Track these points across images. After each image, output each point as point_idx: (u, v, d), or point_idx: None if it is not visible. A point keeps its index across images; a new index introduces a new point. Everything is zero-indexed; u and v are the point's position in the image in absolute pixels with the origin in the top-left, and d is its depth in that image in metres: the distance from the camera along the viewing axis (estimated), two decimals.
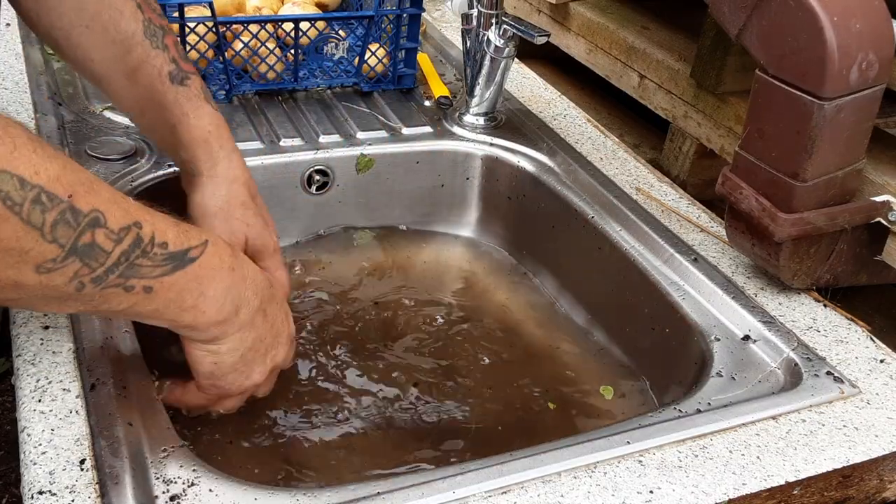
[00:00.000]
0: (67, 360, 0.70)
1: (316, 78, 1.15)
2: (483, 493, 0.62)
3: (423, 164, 1.10)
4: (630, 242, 0.94)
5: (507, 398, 0.91)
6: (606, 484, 0.64)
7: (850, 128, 0.77)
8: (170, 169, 0.96)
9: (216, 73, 1.09)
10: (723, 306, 0.85)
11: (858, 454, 0.70)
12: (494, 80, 1.10)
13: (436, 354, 0.96)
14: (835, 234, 0.83)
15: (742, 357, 0.80)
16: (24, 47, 1.18)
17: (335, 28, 1.23)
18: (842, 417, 0.73)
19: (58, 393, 0.67)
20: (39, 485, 0.59)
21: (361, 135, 1.07)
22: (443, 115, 1.14)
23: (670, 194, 1.02)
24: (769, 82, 0.78)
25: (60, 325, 0.73)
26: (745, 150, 0.82)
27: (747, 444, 0.69)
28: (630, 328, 0.94)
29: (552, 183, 1.04)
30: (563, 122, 1.16)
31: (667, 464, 0.66)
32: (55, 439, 0.63)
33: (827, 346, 0.81)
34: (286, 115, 1.09)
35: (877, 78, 0.76)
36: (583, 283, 1.01)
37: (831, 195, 0.81)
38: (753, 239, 0.85)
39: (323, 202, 1.06)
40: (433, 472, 0.64)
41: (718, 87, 1.10)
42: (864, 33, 0.74)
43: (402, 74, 1.18)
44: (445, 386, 0.92)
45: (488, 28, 1.06)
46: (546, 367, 0.96)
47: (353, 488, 0.62)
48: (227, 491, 0.61)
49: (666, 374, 0.88)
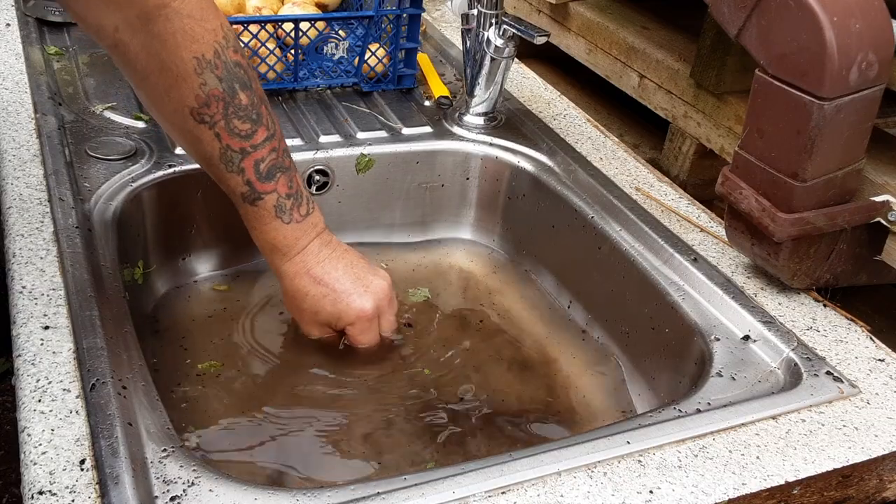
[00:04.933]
0: (67, 360, 0.70)
1: (316, 78, 1.15)
2: (483, 493, 0.62)
3: (422, 164, 1.10)
4: (630, 242, 0.94)
5: (506, 398, 0.91)
6: (606, 484, 0.64)
7: (849, 128, 0.77)
8: (170, 169, 0.97)
9: None
10: (723, 306, 0.85)
11: (858, 454, 0.70)
12: (494, 80, 1.10)
13: (435, 355, 0.96)
14: (834, 234, 0.83)
15: (742, 357, 0.80)
16: (24, 47, 1.18)
17: (335, 28, 1.23)
18: (841, 417, 0.73)
19: (58, 393, 0.67)
20: (39, 485, 0.59)
21: (361, 135, 1.08)
22: (443, 115, 1.14)
23: (670, 194, 1.02)
24: (769, 82, 0.78)
25: (60, 326, 0.73)
26: (744, 150, 0.82)
27: (747, 443, 0.69)
28: (630, 328, 0.94)
29: (552, 183, 1.04)
30: (563, 122, 1.16)
31: (666, 464, 0.66)
32: (55, 439, 0.63)
33: (827, 345, 0.81)
34: (286, 115, 1.09)
35: (877, 78, 0.76)
36: (583, 282, 1.01)
37: (831, 195, 0.81)
38: (753, 239, 0.85)
39: (323, 202, 1.06)
40: (433, 472, 0.64)
41: (718, 87, 1.10)
42: (863, 33, 0.74)
43: (402, 74, 1.18)
44: (445, 386, 0.92)
45: (488, 28, 1.06)
46: (546, 367, 0.96)
47: (353, 488, 0.62)
48: (227, 491, 0.61)
49: (666, 373, 0.88)
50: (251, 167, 0.82)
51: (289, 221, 0.85)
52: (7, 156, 0.95)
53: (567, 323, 1.01)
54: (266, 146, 0.82)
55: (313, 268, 0.87)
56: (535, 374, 0.95)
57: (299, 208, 0.86)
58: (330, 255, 0.88)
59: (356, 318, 0.88)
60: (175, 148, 0.99)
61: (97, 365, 0.69)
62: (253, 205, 0.84)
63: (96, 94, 1.09)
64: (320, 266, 0.87)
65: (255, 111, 0.81)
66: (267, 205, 0.84)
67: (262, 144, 0.82)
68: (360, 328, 0.89)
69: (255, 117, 0.81)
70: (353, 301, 0.87)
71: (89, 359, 0.70)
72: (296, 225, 0.85)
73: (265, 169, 0.82)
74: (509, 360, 0.96)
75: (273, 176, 0.83)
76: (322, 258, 0.87)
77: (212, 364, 0.90)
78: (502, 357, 0.97)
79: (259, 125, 0.81)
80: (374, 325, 0.90)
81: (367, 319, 0.88)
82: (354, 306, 0.87)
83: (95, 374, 0.68)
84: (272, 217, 0.84)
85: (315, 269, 0.87)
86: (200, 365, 0.90)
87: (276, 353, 0.94)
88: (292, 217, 0.85)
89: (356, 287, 0.88)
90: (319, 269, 0.87)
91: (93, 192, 0.90)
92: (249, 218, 0.85)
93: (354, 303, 0.87)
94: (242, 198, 0.84)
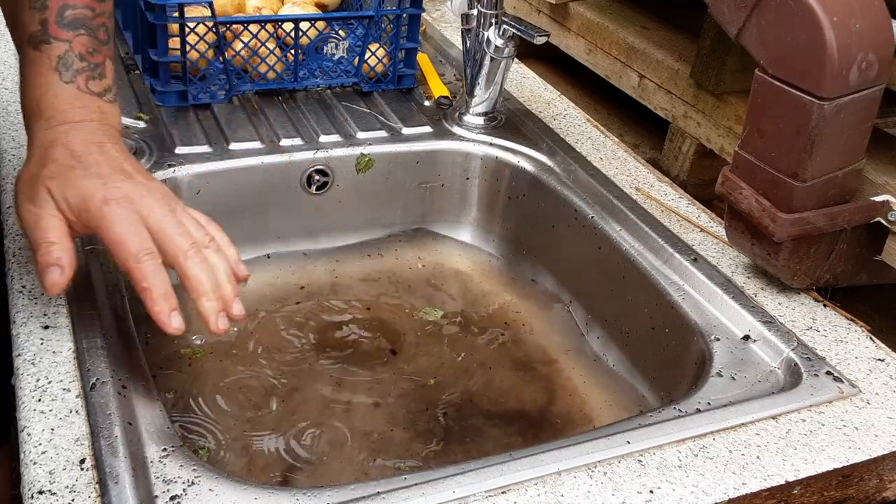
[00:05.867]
0: (67, 359, 0.70)
1: (316, 78, 1.15)
2: (483, 493, 0.62)
3: (422, 164, 1.10)
4: (630, 242, 0.94)
5: (506, 398, 0.91)
6: (606, 484, 0.64)
7: (849, 128, 0.77)
8: (169, 169, 0.97)
9: (216, 73, 1.09)
10: (722, 306, 0.85)
11: (858, 454, 0.70)
12: (494, 80, 1.10)
13: (435, 355, 0.96)
14: (834, 234, 0.83)
15: (742, 357, 0.80)
16: None
17: (335, 28, 1.23)
18: (841, 417, 0.73)
19: (58, 393, 0.67)
20: (39, 484, 0.59)
21: (361, 135, 1.08)
22: (443, 115, 1.14)
23: (670, 194, 1.02)
24: (769, 82, 0.78)
25: (61, 325, 0.73)
26: (744, 150, 0.82)
27: (747, 443, 0.69)
28: (630, 328, 0.94)
29: (552, 183, 1.04)
30: (563, 122, 1.16)
31: (667, 463, 0.66)
32: (55, 439, 0.63)
33: (826, 345, 0.81)
34: (286, 115, 1.09)
35: (876, 78, 0.76)
36: (583, 282, 1.01)
37: (831, 195, 0.81)
38: (753, 239, 0.85)
39: (323, 202, 1.06)
40: (433, 472, 0.64)
41: (718, 87, 1.10)
42: (863, 33, 0.74)
43: (402, 74, 1.18)
44: (445, 386, 0.92)
45: (488, 28, 1.06)
46: (546, 368, 0.96)
47: (353, 488, 0.62)
48: (227, 491, 0.61)
49: (666, 373, 0.88)
50: (56, 7, 0.72)
51: (68, 81, 0.72)
52: (7, 156, 0.94)
53: (567, 323, 1.01)
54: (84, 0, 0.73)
55: (76, 145, 0.70)
56: (534, 374, 0.95)
57: (90, 80, 0.73)
58: (106, 146, 0.72)
59: (106, 199, 0.68)
60: (175, 148, 0.99)
61: (97, 364, 0.69)
62: (37, 48, 0.72)
63: None
64: (86, 146, 0.71)
65: None
66: (51, 52, 0.72)
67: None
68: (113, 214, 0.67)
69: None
70: (109, 181, 0.69)
71: (89, 358, 0.70)
72: (76, 91, 0.72)
73: (70, 17, 0.72)
74: (509, 361, 0.96)
75: (75, 28, 0.72)
76: (93, 140, 0.71)
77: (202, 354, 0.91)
78: (502, 357, 0.97)
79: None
80: (132, 216, 0.68)
81: (119, 205, 0.68)
82: (110, 186, 0.68)
83: (95, 373, 0.68)
84: (51, 69, 0.71)
85: (77, 145, 0.70)
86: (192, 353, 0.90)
87: (276, 353, 0.94)
88: (76, 80, 0.72)
89: (118, 175, 0.70)
90: (82, 148, 0.70)
91: None
92: (26, 67, 0.72)
93: (111, 184, 0.68)
94: (30, 39, 0.72)
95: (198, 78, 1.07)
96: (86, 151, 0.70)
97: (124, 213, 0.68)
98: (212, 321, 0.69)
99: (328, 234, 1.09)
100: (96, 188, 0.68)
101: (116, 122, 0.75)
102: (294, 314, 0.99)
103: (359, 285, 1.05)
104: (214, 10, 1.03)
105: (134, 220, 0.68)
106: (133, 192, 0.69)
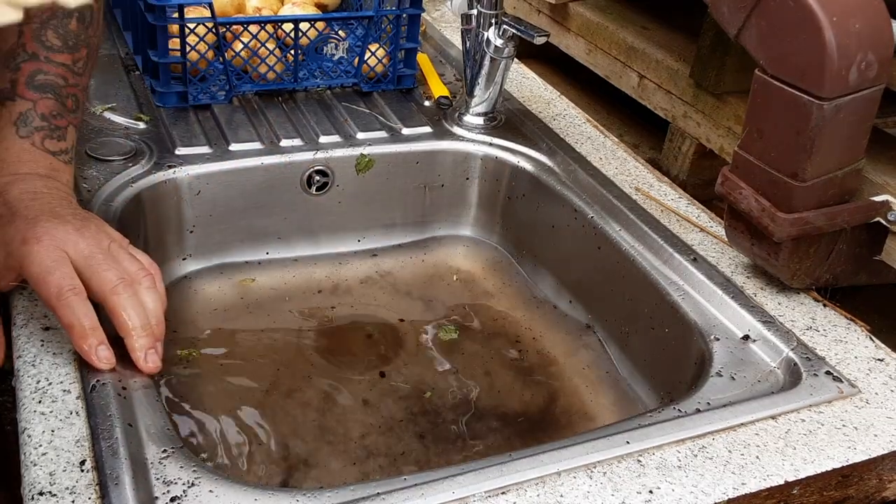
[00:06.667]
0: (68, 361, 0.70)
1: (316, 78, 1.15)
2: (483, 493, 0.62)
3: (422, 164, 1.10)
4: (630, 242, 0.94)
5: (506, 398, 0.91)
6: (606, 484, 0.64)
7: (849, 128, 0.77)
8: (170, 170, 0.97)
9: (216, 73, 1.09)
10: (722, 306, 0.85)
11: (858, 454, 0.70)
12: (494, 81, 1.10)
13: (435, 355, 0.96)
14: (834, 234, 0.83)
15: (741, 357, 0.80)
16: None
17: (335, 28, 1.23)
18: (841, 417, 0.73)
19: (58, 394, 0.67)
20: (40, 486, 0.59)
21: (361, 135, 1.08)
22: (443, 116, 1.14)
23: (670, 194, 1.02)
24: (768, 82, 0.78)
25: (61, 327, 0.73)
26: (744, 150, 0.82)
27: (747, 443, 0.69)
28: (629, 328, 0.94)
29: (552, 183, 1.04)
30: (563, 122, 1.16)
31: (666, 464, 0.67)
32: (55, 440, 0.63)
33: (826, 345, 0.81)
34: (286, 116, 1.09)
35: (876, 78, 0.76)
36: (582, 283, 1.01)
37: (831, 195, 0.81)
38: (753, 239, 0.85)
39: (323, 202, 1.06)
40: (433, 473, 0.64)
41: (718, 87, 1.10)
42: (863, 33, 0.74)
43: (402, 75, 1.18)
44: (445, 387, 0.92)
45: (488, 28, 1.06)
46: (546, 368, 0.96)
47: (353, 488, 0.62)
48: (227, 492, 0.61)
49: (665, 373, 0.88)
50: (28, 71, 0.74)
51: (24, 136, 0.73)
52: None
53: (567, 323, 1.01)
54: (59, 69, 0.74)
55: (12, 194, 0.70)
56: (534, 374, 0.95)
57: (47, 139, 0.74)
58: (42, 194, 0.70)
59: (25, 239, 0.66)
60: (175, 148, 0.99)
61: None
62: (2, 104, 0.74)
63: (96, 95, 1.09)
64: (20, 195, 0.70)
65: (75, 41, 0.74)
66: (14, 109, 0.73)
67: (57, 66, 0.74)
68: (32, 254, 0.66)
69: (72, 44, 0.74)
70: (35, 224, 0.67)
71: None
72: (29, 146, 0.73)
73: (41, 81, 0.74)
74: (509, 361, 0.97)
75: (43, 91, 0.74)
76: (31, 189, 0.70)
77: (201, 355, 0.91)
78: (502, 357, 0.97)
79: (66, 53, 0.74)
80: (54, 254, 0.67)
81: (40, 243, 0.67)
82: (33, 228, 0.67)
83: (95, 374, 0.68)
84: (9, 123, 0.73)
85: (13, 195, 0.70)
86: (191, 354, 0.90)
87: (275, 353, 0.94)
88: (31, 136, 0.73)
89: (45, 217, 0.68)
90: (16, 197, 0.70)
91: (93, 193, 0.90)
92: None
93: (36, 226, 0.67)
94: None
95: (198, 79, 1.07)
96: (18, 199, 0.70)
97: (45, 252, 0.67)
98: (140, 359, 0.69)
99: (328, 234, 1.09)
100: (17, 231, 0.68)
101: (66, 180, 0.75)
102: (294, 314, 0.99)
103: (359, 286, 1.05)
104: (214, 10, 1.03)
105: (56, 258, 0.67)
106: (58, 231, 0.68)
